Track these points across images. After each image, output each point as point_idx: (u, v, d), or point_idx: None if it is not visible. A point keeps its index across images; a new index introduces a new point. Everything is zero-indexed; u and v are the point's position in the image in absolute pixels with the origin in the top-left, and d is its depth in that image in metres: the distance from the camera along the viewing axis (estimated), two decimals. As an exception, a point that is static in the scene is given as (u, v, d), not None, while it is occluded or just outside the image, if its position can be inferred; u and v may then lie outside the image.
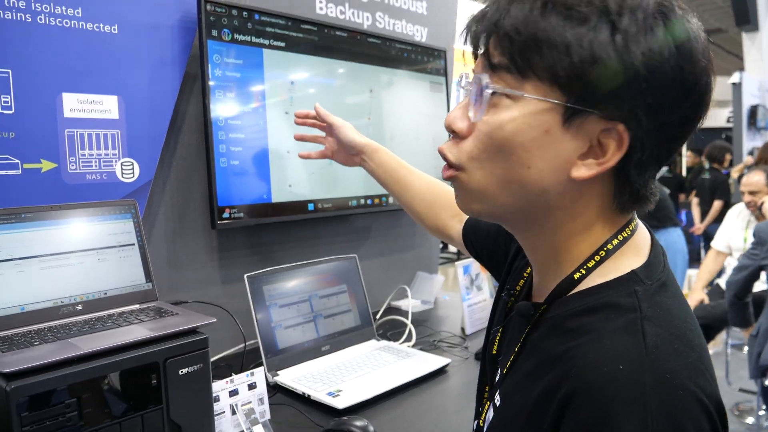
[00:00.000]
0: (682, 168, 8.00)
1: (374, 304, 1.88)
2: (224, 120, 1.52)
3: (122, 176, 1.38)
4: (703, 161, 6.11)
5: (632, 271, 0.55)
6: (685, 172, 7.62)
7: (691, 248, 4.90)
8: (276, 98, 1.64)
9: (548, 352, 0.55)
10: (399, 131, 2.04)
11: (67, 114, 1.28)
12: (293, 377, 1.38)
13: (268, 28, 1.61)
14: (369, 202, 1.93)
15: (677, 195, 6.25)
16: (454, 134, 0.59)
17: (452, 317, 1.99)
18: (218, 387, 1.07)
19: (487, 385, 0.71)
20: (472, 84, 0.57)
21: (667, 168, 6.17)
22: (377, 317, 1.89)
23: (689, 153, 7.28)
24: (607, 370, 0.48)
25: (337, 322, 1.59)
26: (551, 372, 0.52)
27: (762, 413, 2.95)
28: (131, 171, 1.39)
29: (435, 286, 2.16)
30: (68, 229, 1.08)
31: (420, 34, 2.25)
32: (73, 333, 0.95)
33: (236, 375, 1.11)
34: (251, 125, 1.58)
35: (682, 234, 4.03)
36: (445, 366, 1.48)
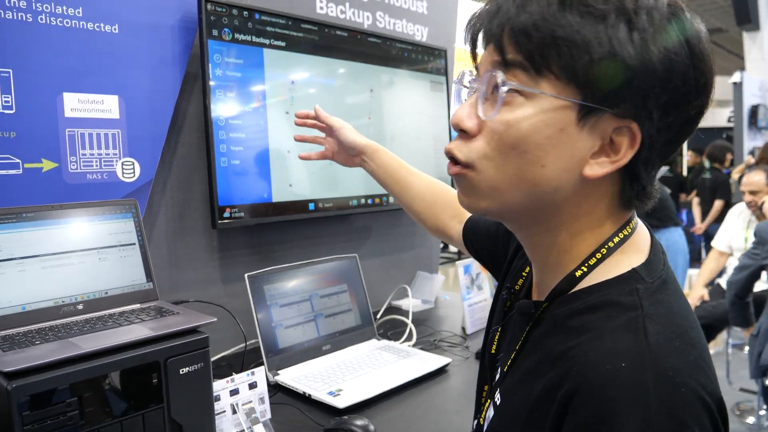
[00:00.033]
0: (683, 168, 7.99)
1: (375, 304, 1.88)
2: (225, 120, 1.52)
3: (123, 176, 1.38)
4: (704, 161, 6.11)
5: (633, 269, 0.55)
6: (685, 172, 7.61)
7: (692, 248, 4.90)
8: (276, 98, 1.64)
9: (549, 350, 0.55)
10: (399, 131, 2.04)
11: (67, 114, 1.28)
12: (294, 377, 1.38)
13: (268, 28, 1.62)
14: (370, 201, 1.93)
15: (678, 195, 6.25)
16: (461, 132, 0.57)
17: (453, 317, 1.99)
18: (219, 386, 1.07)
19: (487, 384, 0.70)
20: (480, 81, 0.55)
21: (667, 167, 6.19)
22: (378, 317, 1.89)
23: (690, 152, 7.28)
24: (609, 368, 0.47)
25: (337, 322, 1.59)
26: (552, 370, 0.52)
27: (763, 413, 2.95)
28: (132, 170, 1.39)
29: (435, 286, 2.16)
30: (69, 228, 1.09)
31: (420, 34, 2.25)
32: (73, 332, 0.95)
33: (237, 374, 1.11)
34: (252, 125, 1.59)
35: (683, 234, 4.03)
36: (445, 365, 1.48)
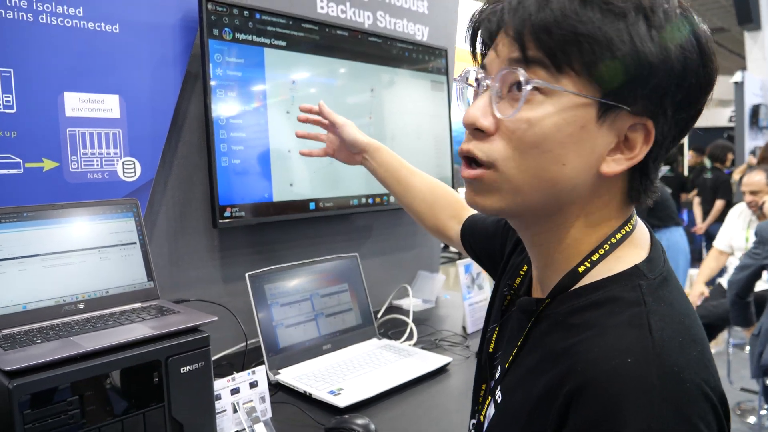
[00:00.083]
0: (684, 167, 7.97)
1: (375, 303, 1.88)
2: (225, 119, 1.52)
3: (124, 175, 1.38)
4: (705, 161, 6.10)
5: (635, 265, 0.55)
6: (686, 172, 7.60)
7: (693, 248, 4.89)
8: (277, 97, 1.64)
9: (551, 347, 0.55)
10: (400, 131, 2.04)
11: (68, 113, 1.28)
12: (294, 376, 1.38)
13: (269, 28, 1.62)
14: (370, 201, 1.93)
15: (679, 194, 6.24)
16: (476, 132, 0.56)
17: (453, 316, 1.99)
18: (220, 385, 1.07)
19: (484, 384, 0.70)
20: (493, 79, 0.55)
21: (668, 167, 6.17)
22: (378, 316, 1.89)
23: (691, 152, 7.27)
24: (614, 364, 0.47)
25: (338, 321, 1.60)
26: (555, 368, 0.52)
27: (764, 413, 2.94)
28: (133, 170, 1.39)
29: (436, 285, 2.16)
30: (70, 227, 1.09)
31: (421, 33, 2.25)
32: (75, 331, 0.95)
33: (238, 373, 1.11)
34: (252, 124, 1.59)
35: (684, 233, 4.02)
36: (446, 365, 1.48)
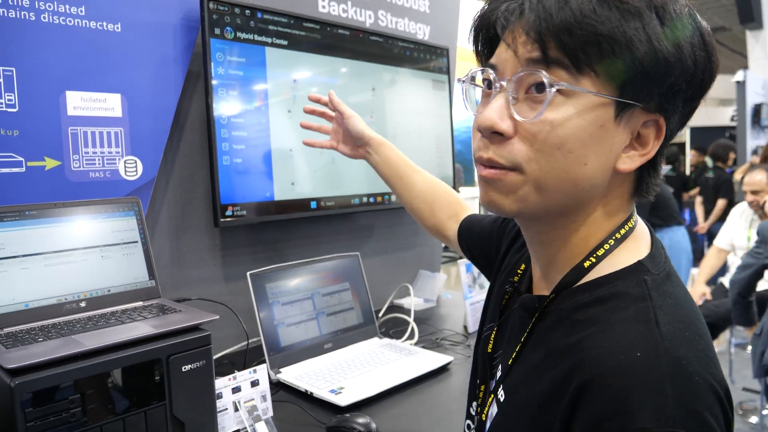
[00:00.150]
0: (686, 166, 7.96)
1: (377, 302, 1.88)
2: (227, 118, 1.52)
3: (125, 174, 1.38)
4: (707, 160, 6.09)
5: (639, 261, 0.56)
6: (688, 171, 7.59)
7: (695, 247, 4.88)
8: (279, 97, 1.65)
9: (556, 344, 0.55)
10: (401, 130, 2.04)
11: (70, 112, 1.29)
12: (296, 374, 1.38)
13: (270, 27, 1.62)
14: (372, 200, 1.93)
15: (681, 194, 6.23)
16: (492, 135, 0.54)
17: (454, 315, 1.99)
18: (221, 384, 1.07)
19: (484, 384, 0.70)
20: (509, 81, 0.54)
21: (671, 166, 6.16)
22: (380, 315, 1.89)
23: (693, 151, 7.26)
24: (623, 358, 0.48)
25: (339, 320, 1.60)
26: (561, 364, 0.52)
27: (766, 412, 2.94)
28: (134, 169, 1.39)
29: (437, 285, 2.16)
30: (72, 226, 1.09)
31: (423, 33, 2.25)
32: (76, 330, 0.96)
33: (239, 372, 1.11)
34: (254, 123, 1.59)
35: (686, 233, 4.01)
36: (447, 364, 1.48)
